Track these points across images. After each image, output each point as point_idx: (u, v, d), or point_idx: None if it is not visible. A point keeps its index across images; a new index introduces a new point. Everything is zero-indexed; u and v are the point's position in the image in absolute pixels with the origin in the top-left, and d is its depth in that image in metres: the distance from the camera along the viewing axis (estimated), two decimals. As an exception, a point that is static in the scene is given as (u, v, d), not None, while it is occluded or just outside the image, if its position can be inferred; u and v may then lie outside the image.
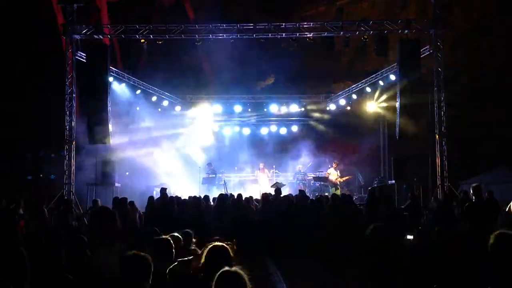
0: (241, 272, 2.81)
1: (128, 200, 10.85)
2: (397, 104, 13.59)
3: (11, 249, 3.14)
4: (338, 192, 15.62)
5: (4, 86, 17.12)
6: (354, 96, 18.70)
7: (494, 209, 9.24)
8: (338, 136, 19.88)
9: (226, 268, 2.86)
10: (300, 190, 11.86)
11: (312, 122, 20.94)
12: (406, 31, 13.82)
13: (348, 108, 19.57)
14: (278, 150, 19.71)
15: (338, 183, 16.68)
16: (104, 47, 14.26)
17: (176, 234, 4.99)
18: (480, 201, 9.17)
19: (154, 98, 18.74)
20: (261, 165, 17.73)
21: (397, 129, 13.63)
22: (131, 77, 17.12)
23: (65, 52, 14.29)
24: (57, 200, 12.36)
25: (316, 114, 20.67)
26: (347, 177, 17.21)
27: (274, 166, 18.32)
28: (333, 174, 16.77)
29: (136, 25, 14.33)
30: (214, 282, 2.78)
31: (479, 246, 4.09)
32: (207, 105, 20.54)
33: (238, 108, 20.32)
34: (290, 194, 12.06)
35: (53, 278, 3.65)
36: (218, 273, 2.82)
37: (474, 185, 9.93)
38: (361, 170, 18.39)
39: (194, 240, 5.59)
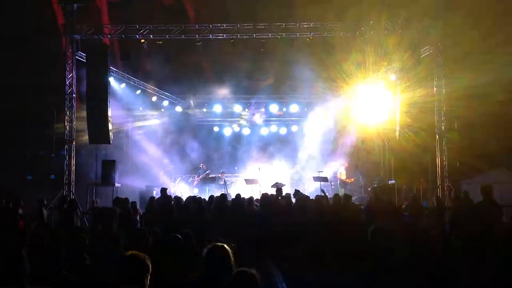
0: (256, 274, 2.85)
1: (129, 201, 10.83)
2: (397, 104, 13.60)
3: (11, 249, 3.14)
4: (342, 191, 15.59)
5: (4, 86, 17.10)
6: (354, 96, 18.67)
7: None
8: (338, 136, 19.84)
9: (243, 268, 2.88)
10: (296, 190, 11.82)
11: (312, 122, 20.90)
12: (406, 31, 13.84)
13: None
14: (277, 150, 19.67)
15: (349, 183, 16.71)
16: (104, 47, 14.26)
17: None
18: (483, 202, 9.10)
19: (154, 98, 18.77)
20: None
21: (397, 129, 13.64)
22: (131, 77, 17.14)
23: (65, 52, 14.30)
24: (57, 200, 12.35)
25: (316, 114, 20.65)
26: (353, 179, 17.26)
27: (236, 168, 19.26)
28: (344, 174, 16.81)
29: (136, 25, 14.36)
30: (229, 282, 2.81)
31: (479, 246, 4.10)
32: (207, 105, 20.56)
33: (238, 108, 20.33)
34: (288, 193, 12.03)
35: (53, 277, 3.65)
36: (234, 272, 2.87)
37: (483, 185, 9.80)
38: (361, 170, 18.36)
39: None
